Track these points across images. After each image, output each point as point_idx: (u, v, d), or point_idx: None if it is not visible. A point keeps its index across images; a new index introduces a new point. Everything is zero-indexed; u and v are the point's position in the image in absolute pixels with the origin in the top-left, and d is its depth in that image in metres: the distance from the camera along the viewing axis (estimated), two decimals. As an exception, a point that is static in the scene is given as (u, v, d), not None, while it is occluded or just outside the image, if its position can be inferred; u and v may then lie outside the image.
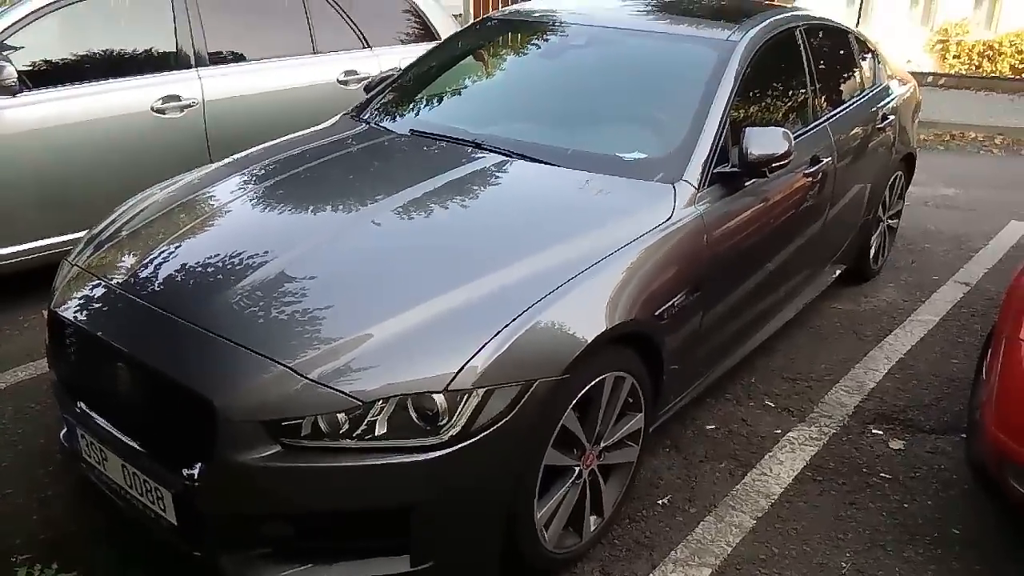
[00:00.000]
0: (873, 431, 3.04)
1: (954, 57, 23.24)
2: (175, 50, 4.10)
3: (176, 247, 2.38)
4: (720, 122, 2.73)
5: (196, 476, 1.89)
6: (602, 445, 2.30)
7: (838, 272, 3.98)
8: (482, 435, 1.89)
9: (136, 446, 2.05)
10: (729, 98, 2.80)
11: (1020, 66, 19.19)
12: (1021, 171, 7.54)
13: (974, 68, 21.63)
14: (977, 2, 24.75)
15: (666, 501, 2.61)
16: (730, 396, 3.21)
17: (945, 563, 2.41)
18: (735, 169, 2.68)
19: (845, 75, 3.88)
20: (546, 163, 2.70)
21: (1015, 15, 21.19)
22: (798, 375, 3.40)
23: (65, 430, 2.39)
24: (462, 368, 1.88)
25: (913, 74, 5.27)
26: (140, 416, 2.08)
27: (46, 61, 3.77)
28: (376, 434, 1.85)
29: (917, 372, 3.47)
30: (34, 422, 2.94)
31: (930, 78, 12.88)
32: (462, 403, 1.87)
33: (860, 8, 13.37)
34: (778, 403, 3.19)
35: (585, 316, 2.12)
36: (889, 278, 4.47)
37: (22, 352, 3.43)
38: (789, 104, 3.33)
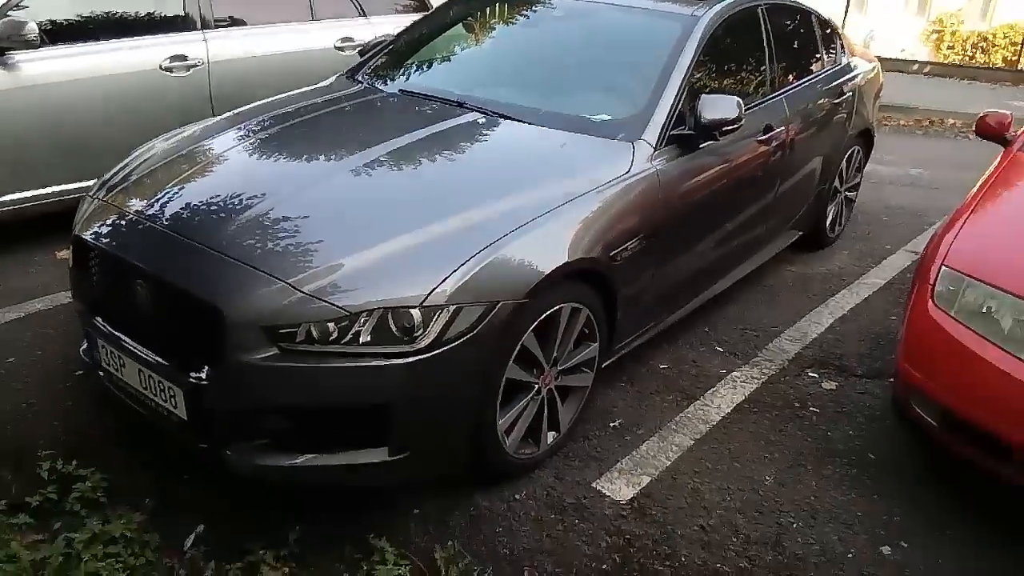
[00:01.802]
0: (809, 374, 3.38)
1: (948, 48, 23.53)
2: (183, 13, 4.38)
3: (186, 186, 2.67)
4: (679, 89, 3.03)
5: (205, 376, 2.21)
6: (559, 368, 2.63)
7: (795, 237, 4.31)
8: (451, 345, 2.20)
9: (152, 352, 2.37)
10: (689, 67, 3.10)
11: (1013, 58, 19.45)
12: (992, 155, 7.85)
13: (968, 59, 21.92)
14: (973, -7, 24.99)
15: (617, 424, 2.95)
16: (683, 341, 3.55)
17: (859, 480, 2.75)
18: (690, 132, 2.99)
19: (804, 52, 4.19)
20: (521, 121, 3.01)
21: (1010, 7, 21.43)
22: (747, 326, 3.74)
23: (85, 345, 2.71)
24: (435, 288, 2.19)
25: (899, 61, 5.57)
26: (156, 326, 2.39)
27: (64, 20, 4.04)
28: (360, 341, 2.16)
29: (858, 326, 3.81)
30: (52, 344, 3.26)
31: (915, 66, 13.17)
32: (435, 317, 2.18)
33: (848, 1, 13.60)
34: (727, 348, 3.53)
35: (546, 250, 2.43)
36: (844, 246, 4.81)
37: (38, 286, 3.74)
38: (747, 76, 3.64)
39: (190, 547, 2.32)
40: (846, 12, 13.46)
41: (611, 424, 2.94)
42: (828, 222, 4.61)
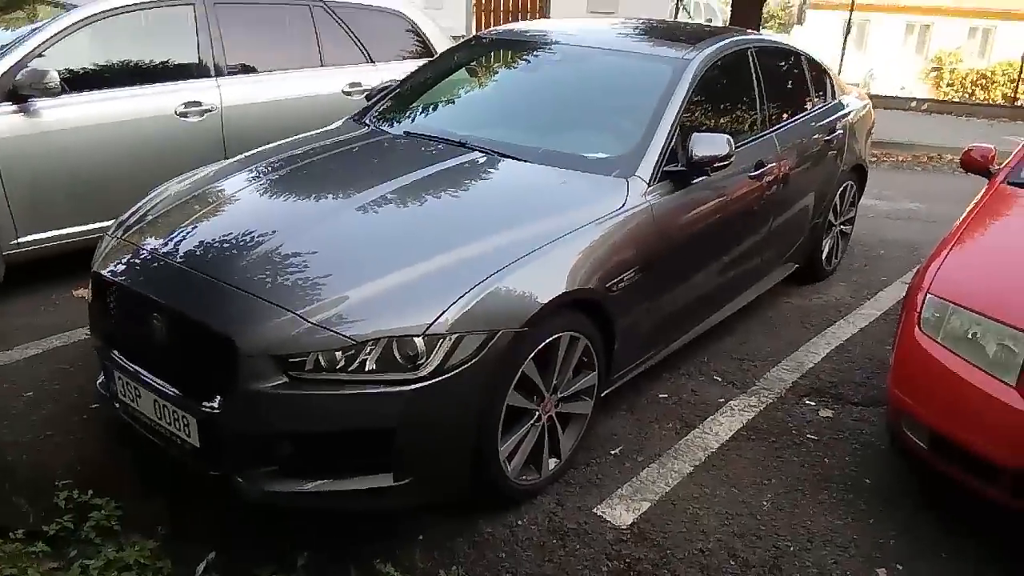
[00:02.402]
0: (806, 402, 3.45)
1: (948, 85, 23.91)
2: (197, 61, 4.56)
3: (200, 224, 2.80)
4: (671, 128, 3.16)
5: (218, 405, 2.31)
6: (559, 395, 2.71)
7: (791, 270, 4.41)
8: (453, 372, 2.30)
9: (167, 383, 2.46)
10: (680, 108, 3.24)
11: (1012, 94, 19.68)
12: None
13: (967, 96, 22.23)
14: (971, 32, 25.48)
15: (617, 452, 3.01)
16: (683, 372, 3.63)
17: (854, 505, 2.81)
18: (682, 168, 3.12)
19: (794, 91, 4.33)
20: (521, 160, 3.14)
21: (1008, 45, 21.79)
22: (746, 356, 3.82)
23: (102, 378, 2.81)
24: (438, 318, 2.29)
25: (898, 99, 5.69)
26: (171, 358, 2.48)
27: (83, 68, 4.22)
28: (366, 369, 2.26)
29: (853, 356, 3.88)
30: (69, 379, 3.35)
31: (914, 103, 13.37)
32: (437, 346, 2.28)
33: (845, 41, 13.88)
34: (725, 378, 3.61)
35: (544, 281, 2.54)
36: (841, 278, 4.90)
37: (55, 324, 3.85)
38: (738, 115, 3.77)
39: (201, 573, 2.39)
40: (843, 51, 13.73)
41: (611, 451, 3.01)
42: (824, 255, 4.71)
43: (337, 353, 2.25)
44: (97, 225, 4.09)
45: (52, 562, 2.39)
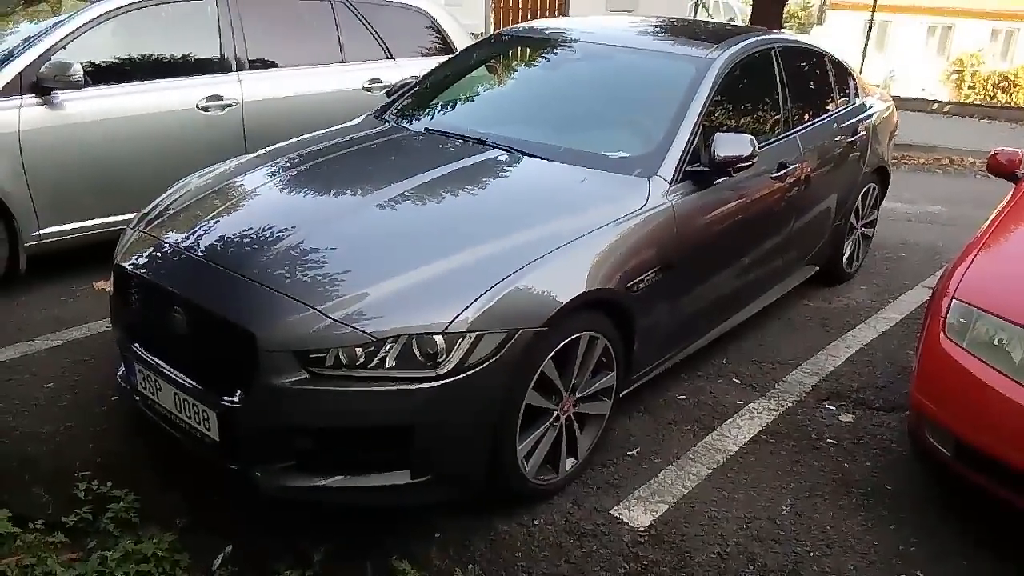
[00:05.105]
0: (827, 406, 3.42)
1: (969, 87, 23.69)
2: (219, 55, 4.58)
3: (221, 218, 2.81)
4: (693, 128, 3.14)
5: (238, 399, 2.31)
6: (577, 395, 2.70)
7: (811, 272, 4.37)
8: (473, 371, 2.29)
9: (187, 376, 2.47)
10: (703, 107, 3.21)
11: (1035, 96, 19.46)
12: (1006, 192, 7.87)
13: (989, 98, 22.02)
14: (993, 34, 25.24)
15: (635, 453, 3.00)
16: (701, 373, 3.60)
17: (874, 511, 2.77)
18: (705, 168, 3.09)
19: (818, 92, 4.29)
20: (542, 158, 3.12)
21: (1031, 47, 21.51)
22: (765, 358, 3.78)
23: (122, 370, 2.82)
24: (458, 316, 2.29)
25: (919, 101, 5.62)
26: (192, 351, 2.49)
27: (106, 61, 4.24)
28: (386, 366, 2.25)
29: (874, 360, 3.84)
30: (89, 371, 3.37)
31: (935, 105, 13.22)
32: (457, 344, 2.27)
33: (866, 42, 13.75)
34: (744, 380, 3.58)
35: (564, 281, 2.52)
36: (862, 281, 4.85)
37: (76, 316, 3.88)
38: (761, 115, 3.74)
39: (218, 566, 2.39)
40: (864, 52, 13.61)
41: (629, 452, 3.00)
42: (845, 258, 4.66)
43: (357, 349, 2.25)
44: (118, 218, 4.12)
45: (71, 553, 2.40)
